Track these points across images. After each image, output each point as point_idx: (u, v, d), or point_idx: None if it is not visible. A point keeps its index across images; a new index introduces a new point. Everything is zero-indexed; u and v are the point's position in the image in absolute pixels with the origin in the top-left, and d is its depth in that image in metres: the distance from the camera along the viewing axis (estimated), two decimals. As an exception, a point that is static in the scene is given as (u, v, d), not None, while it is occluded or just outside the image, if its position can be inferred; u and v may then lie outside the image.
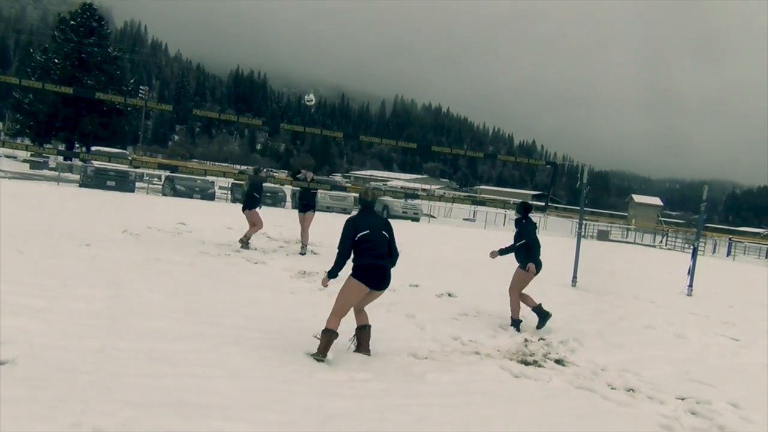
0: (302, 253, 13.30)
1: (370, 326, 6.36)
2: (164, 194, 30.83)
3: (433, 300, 9.72)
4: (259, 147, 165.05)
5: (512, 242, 8.63)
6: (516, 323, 8.32)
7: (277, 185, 29.18)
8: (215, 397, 4.57)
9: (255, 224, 13.39)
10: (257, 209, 13.58)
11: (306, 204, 13.93)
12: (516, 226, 8.76)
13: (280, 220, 15.22)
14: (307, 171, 14.08)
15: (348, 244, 6.17)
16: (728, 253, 41.87)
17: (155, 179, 36.81)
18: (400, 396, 5.16)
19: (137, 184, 31.80)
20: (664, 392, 6.13)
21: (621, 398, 5.87)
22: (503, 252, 8.62)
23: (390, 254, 6.25)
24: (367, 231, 6.16)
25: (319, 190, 16.31)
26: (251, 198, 13.69)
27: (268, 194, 30.60)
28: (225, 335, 6.21)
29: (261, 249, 13.30)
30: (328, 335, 5.92)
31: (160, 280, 8.65)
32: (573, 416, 5.18)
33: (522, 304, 8.51)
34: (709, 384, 6.64)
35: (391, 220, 6.70)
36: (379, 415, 4.63)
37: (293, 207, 31.43)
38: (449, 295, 10.14)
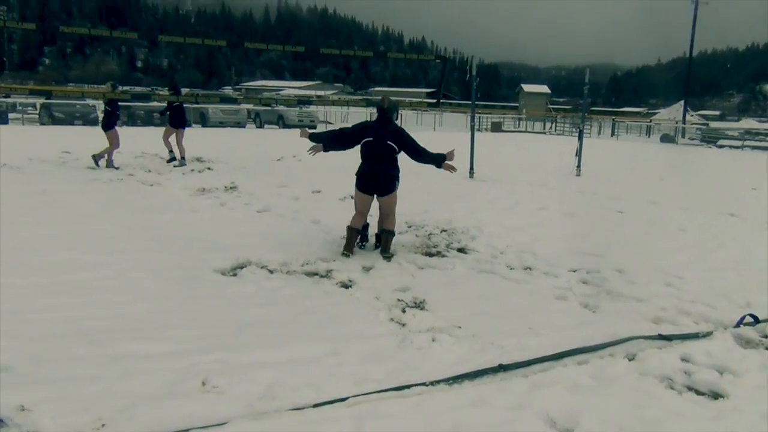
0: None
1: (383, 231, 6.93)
2: (42, 123, 28.88)
3: (336, 204, 9.81)
4: (139, 65, 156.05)
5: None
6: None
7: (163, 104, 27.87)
8: (125, 321, 4.53)
9: (112, 144, 13.14)
10: (116, 128, 13.33)
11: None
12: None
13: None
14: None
15: (347, 133, 6.93)
16: (612, 133, 44.16)
17: (30, 108, 34.27)
18: (311, 299, 5.28)
19: (10, 115, 29.60)
20: (558, 267, 6.58)
21: (519, 276, 6.26)
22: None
23: (389, 162, 6.72)
24: (371, 138, 6.70)
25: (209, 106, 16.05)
26: (108, 116, 13.33)
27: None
28: (128, 261, 6.08)
29: (155, 170, 12.87)
30: (347, 231, 6.75)
31: (50, 212, 8.26)
32: (476, 297, 5.49)
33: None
34: (597, 255, 7.15)
35: (288, 130, 6.69)
36: (292, 319, 4.75)
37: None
38: (351, 198, 10.23)
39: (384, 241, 6.85)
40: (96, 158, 12.95)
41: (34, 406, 3.22)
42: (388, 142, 6.67)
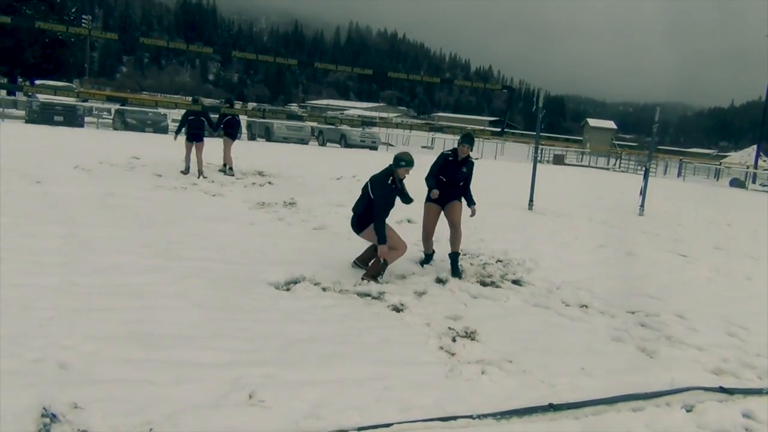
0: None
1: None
2: (115, 128, 29.96)
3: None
4: (211, 77, 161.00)
5: (456, 181, 7.42)
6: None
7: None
8: (179, 327, 4.61)
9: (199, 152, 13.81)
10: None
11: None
12: (468, 166, 7.43)
13: (235, 151, 15.00)
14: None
15: None
16: (679, 174, 42.98)
17: (105, 113, 35.62)
18: (362, 320, 5.27)
19: (86, 119, 30.79)
20: (615, 307, 6.39)
21: (574, 314, 6.11)
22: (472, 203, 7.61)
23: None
24: None
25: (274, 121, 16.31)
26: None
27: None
28: (186, 267, 6.20)
29: (219, 181, 13.16)
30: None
31: (116, 215, 8.53)
32: (529, 332, 5.38)
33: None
34: (657, 298, 6.93)
35: (349, 149, 6.73)
36: (342, 338, 4.74)
37: (249, 138, 31.01)
38: (408, 221, 10.23)
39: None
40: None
41: (86, 405, 3.30)
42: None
